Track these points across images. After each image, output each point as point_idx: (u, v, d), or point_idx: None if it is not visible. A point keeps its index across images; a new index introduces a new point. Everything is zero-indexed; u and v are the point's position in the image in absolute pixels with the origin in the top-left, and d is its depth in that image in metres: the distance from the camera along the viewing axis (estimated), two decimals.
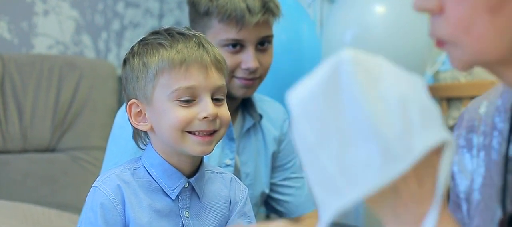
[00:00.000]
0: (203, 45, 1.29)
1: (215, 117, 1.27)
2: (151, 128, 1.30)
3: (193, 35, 1.31)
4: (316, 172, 0.75)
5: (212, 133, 1.29)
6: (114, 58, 2.76)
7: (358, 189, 0.72)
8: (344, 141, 0.73)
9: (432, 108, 0.74)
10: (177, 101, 1.26)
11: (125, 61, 1.33)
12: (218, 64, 1.30)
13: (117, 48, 2.76)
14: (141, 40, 1.33)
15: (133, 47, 1.33)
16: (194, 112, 1.26)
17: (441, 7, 0.82)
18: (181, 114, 1.25)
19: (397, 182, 0.73)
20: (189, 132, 1.27)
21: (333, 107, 0.74)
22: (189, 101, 1.26)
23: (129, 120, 1.32)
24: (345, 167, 0.73)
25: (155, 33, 1.33)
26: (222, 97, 1.31)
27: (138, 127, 1.31)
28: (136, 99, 1.30)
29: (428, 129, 0.73)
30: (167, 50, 1.26)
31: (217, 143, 1.32)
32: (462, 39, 0.82)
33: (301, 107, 0.77)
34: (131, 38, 2.77)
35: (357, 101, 0.73)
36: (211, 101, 1.27)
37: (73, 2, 2.65)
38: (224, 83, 1.32)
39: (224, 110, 1.30)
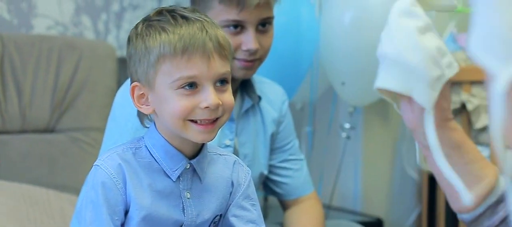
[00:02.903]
0: (206, 31, 1.26)
1: (217, 106, 1.26)
2: (154, 111, 1.30)
3: (197, 19, 1.28)
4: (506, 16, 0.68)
5: (214, 121, 1.28)
6: (114, 39, 2.76)
7: None
8: None
9: None
10: (179, 90, 1.25)
11: (129, 40, 1.32)
12: (222, 51, 1.28)
13: (116, 29, 2.76)
14: (146, 19, 1.31)
15: (137, 25, 1.31)
16: (196, 101, 1.25)
17: None
18: (182, 103, 1.25)
19: None
20: (191, 120, 1.26)
21: None
22: (191, 90, 1.25)
23: (132, 100, 1.32)
24: None
25: (159, 13, 1.31)
26: (226, 83, 1.30)
27: (141, 110, 1.31)
28: (138, 82, 1.29)
29: None
30: (168, 36, 1.24)
31: (219, 129, 1.32)
32: None
33: None
34: (131, 20, 2.76)
35: None
36: (213, 90, 1.26)
37: None
38: (229, 69, 1.30)
39: (227, 96, 1.29)
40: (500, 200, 1.14)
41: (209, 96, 1.25)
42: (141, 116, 1.37)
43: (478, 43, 0.69)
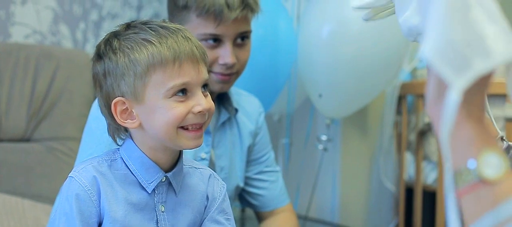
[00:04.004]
0: (189, 39, 1.29)
1: (210, 110, 1.29)
2: (140, 125, 1.29)
3: (177, 28, 1.30)
4: (462, 30, 0.74)
5: (201, 126, 1.30)
6: (92, 48, 2.75)
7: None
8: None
9: None
10: (172, 98, 1.25)
11: (100, 56, 1.30)
12: (205, 58, 1.31)
13: (95, 38, 2.75)
14: (116, 34, 1.30)
15: (110, 42, 1.30)
16: (189, 106, 1.26)
17: None
18: (178, 110, 1.25)
19: None
20: (182, 127, 1.27)
21: None
22: (184, 96, 1.26)
23: (111, 117, 1.31)
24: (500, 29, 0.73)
25: (131, 27, 1.30)
26: (207, 87, 1.32)
27: (125, 125, 1.29)
28: (122, 96, 1.28)
29: None
30: (156, 47, 1.24)
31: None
32: None
33: None
34: (109, 29, 2.71)
35: None
36: (202, 95, 1.28)
37: None
38: (208, 75, 1.33)
39: (210, 101, 1.31)
40: None
41: (201, 100, 1.27)
42: (113, 133, 1.36)
43: (436, 52, 0.74)
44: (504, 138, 1.20)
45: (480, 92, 0.77)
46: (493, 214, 0.74)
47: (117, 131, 1.35)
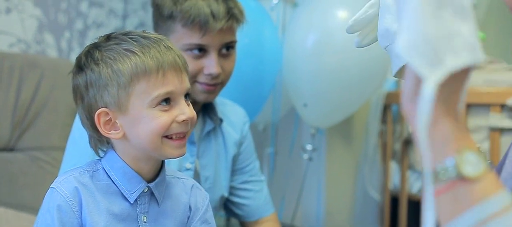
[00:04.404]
0: (171, 48, 1.29)
1: (193, 119, 1.30)
2: (124, 136, 1.29)
3: (158, 38, 1.30)
4: (436, 25, 0.74)
5: (185, 135, 1.30)
6: None
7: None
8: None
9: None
10: (157, 107, 1.26)
11: (81, 68, 1.30)
12: (186, 67, 1.32)
13: (80, 48, 2.74)
14: (97, 46, 1.30)
15: (91, 53, 1.30)
16: (173, 115, 1.27)
17: None
18: (162, 119, 1.26)
19: None
20: (166, 137, 1.28)
21: None
22: (168, 105, 1.27)
23: (93, 129, 1.30)
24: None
25: (112, 38, 1.31)
26: (189, 97, 1.33)
27: (109, 136, 1.29)
28: (105, 107, 1.27)
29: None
30: (139, 57, 1.25)
31: None
32: None
33: None
34: (94, 38, 2.74)
35: None
36: (185, 104, 1.29)
37: (36, 0, 2.63)
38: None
39: (192, 110, 1.32)
40: None
41: (185, 109, 1.28)
42: (95, 145, 1.35)
43: (410, 46, 0.74)
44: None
45: (457, 90, 0.77)
46: (471, 214, 0.73)
47: (99, 142, 1.34)
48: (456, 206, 0.75)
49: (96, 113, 1.27)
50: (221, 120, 1.86)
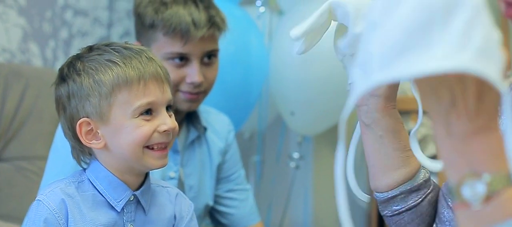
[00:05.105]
0: (153, 59, 1.30)
1: (175, 129, 1.30)
2: (105, 146, 1.29)
3: (140, 49, 1.32)
4: (382, 37, 0.73)
5: (166, 145, 1.31)
6: None
7: (426, 61, 0.70)
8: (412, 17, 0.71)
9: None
10: (138, 117, 1.27)
11: (63, 79, 1.31)
12: (168, 78, 1.33)
13: (65, 57, 2.73)
14: (79, 57, 1.32)
15: (73, 64, 1.31)
16: (154, 126, 1.28)
17: None
18: (144, 129, 1.27)
19: (456, 91, 0.73)
20: (147, 147, 1.28)
21: None
22: (149, 116, 1.28)
23: (75, 139, 1.31)
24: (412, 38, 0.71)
25: (94, 49, 1.32)
26: (171, 108, 1.34)
27: (91, 145, 1.30)
28: (87, 117, 1.28)
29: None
30: (121, 67, 1.26)
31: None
32: None
33: None
34: (79, 47, 2.69)
35: None
36: (167, 114, 1.30)
37: (20, 9, 2.61)
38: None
39: (174, 121, 1.32)
40: (414, 190, 1.23)
41: (166, 120, 1.29)
42: (77, 156, 1.36)
43: (378, 45, 0.74)
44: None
45: (496, 105, 0.75)
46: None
47: (81, 153, 1.35)
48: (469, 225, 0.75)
49: (78, 123, 1.28)
50: (205, 128, 1.86)
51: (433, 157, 2.69)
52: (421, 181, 1.24)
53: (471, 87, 0.73)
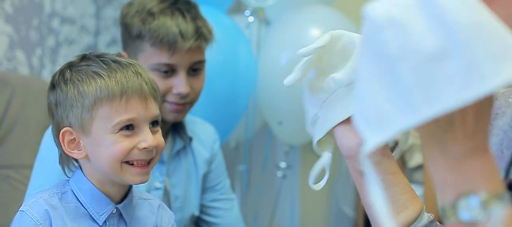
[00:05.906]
0: (140, 74, 1.30)
1: (156, 147, 1.29)
2: (86, 157, 1.29)
3: (129, 63, 1.31)
4: (387, 86, 0.72)
5: (149, 162, 1.30)
6: (48, 75, 2.72)
7: (436, 105, 0.69)
8: (428, 52, 0.70)
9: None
10: (118, 132, 1.26)
11: (53, 86, 1.32)
12: (155, 93, 1.32)
13: (51, 64, 2.72)
14: (70, 65, 1.32)
15: (62, 72, 1.31)
16: (134, 142, 1.27)
17: None
18: (122, 145, 1.26)
19: (455, 111, 0.71)
20: (127, 162, 1.28)
21: (424, 15, 0.70)
22: (130, 131, 1.27)
23: (61, 147, 1.31)
24: (424, 81, 0.70)
25: (85, 58, 1.32)
26: (157, 124, 1.32)
27: (72, 155, 1.30)
28: (70, 127, 1.28)
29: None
30: (104, 80, 1.26)
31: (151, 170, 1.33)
32: None
33: (387, 13, 0.72)
34: (66, 55, 2.73)
35: (457, 10, 0.69)
36: (149, 131, 1.29)
37: (7, 17, 2.60)
38: (159, 111, 1.33)
39: (159, 137, 1.32)
40: None
41: (147, 137, 1.27)
42: (63, 163, 1.36)
43: (358, 112, 0.75)
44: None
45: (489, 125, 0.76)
46: None
47: (67, 161, 1.35)
48: None
49: (61, 131, 1.29)
50: (190, 139, 1.86)
51: (420, 167, 2.70)
52: (425, 222, 1.20)
53: (471, 107, 0.73)
